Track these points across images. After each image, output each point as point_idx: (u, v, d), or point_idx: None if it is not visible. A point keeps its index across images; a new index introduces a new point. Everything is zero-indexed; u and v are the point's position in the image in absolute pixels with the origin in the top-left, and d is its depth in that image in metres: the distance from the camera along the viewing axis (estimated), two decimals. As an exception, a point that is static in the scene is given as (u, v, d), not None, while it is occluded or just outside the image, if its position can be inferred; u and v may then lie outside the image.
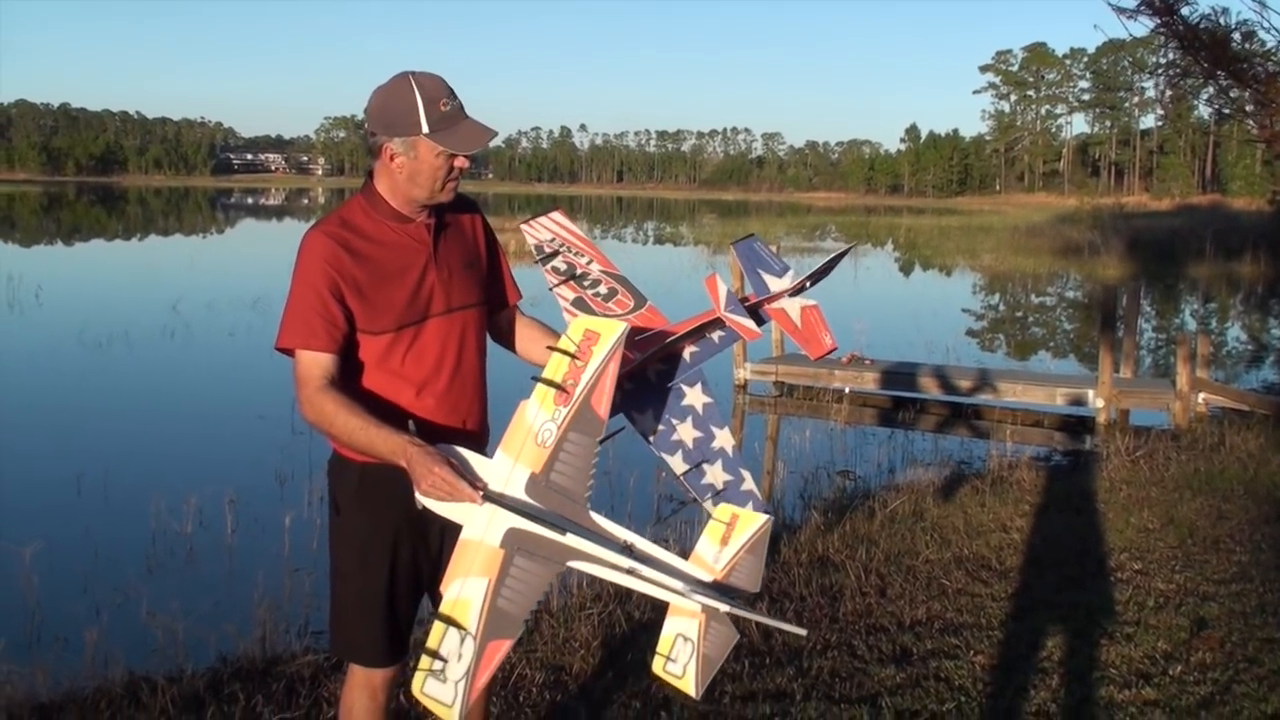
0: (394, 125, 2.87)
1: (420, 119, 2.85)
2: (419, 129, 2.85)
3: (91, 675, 4.92)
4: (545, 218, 3.19)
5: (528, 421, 2.71)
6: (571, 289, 3.09)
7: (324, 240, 2.90)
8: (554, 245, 3.13)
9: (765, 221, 66.18)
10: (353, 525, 3.06)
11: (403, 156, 2.90)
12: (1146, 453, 9.51)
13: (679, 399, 3.03)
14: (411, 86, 2.86)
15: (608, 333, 2.70)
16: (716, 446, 3.01)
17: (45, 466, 9.87)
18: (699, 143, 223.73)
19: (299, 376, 2.89)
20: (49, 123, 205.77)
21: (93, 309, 20.01)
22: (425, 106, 2.84)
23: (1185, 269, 36.07)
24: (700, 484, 2.98)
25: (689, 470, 2.98)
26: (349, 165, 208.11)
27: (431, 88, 2.86)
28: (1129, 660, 4.92)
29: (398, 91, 2.87)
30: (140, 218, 67.65)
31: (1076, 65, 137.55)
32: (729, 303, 2.99)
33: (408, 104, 2.85)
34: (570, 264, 3.12)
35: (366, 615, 3.04)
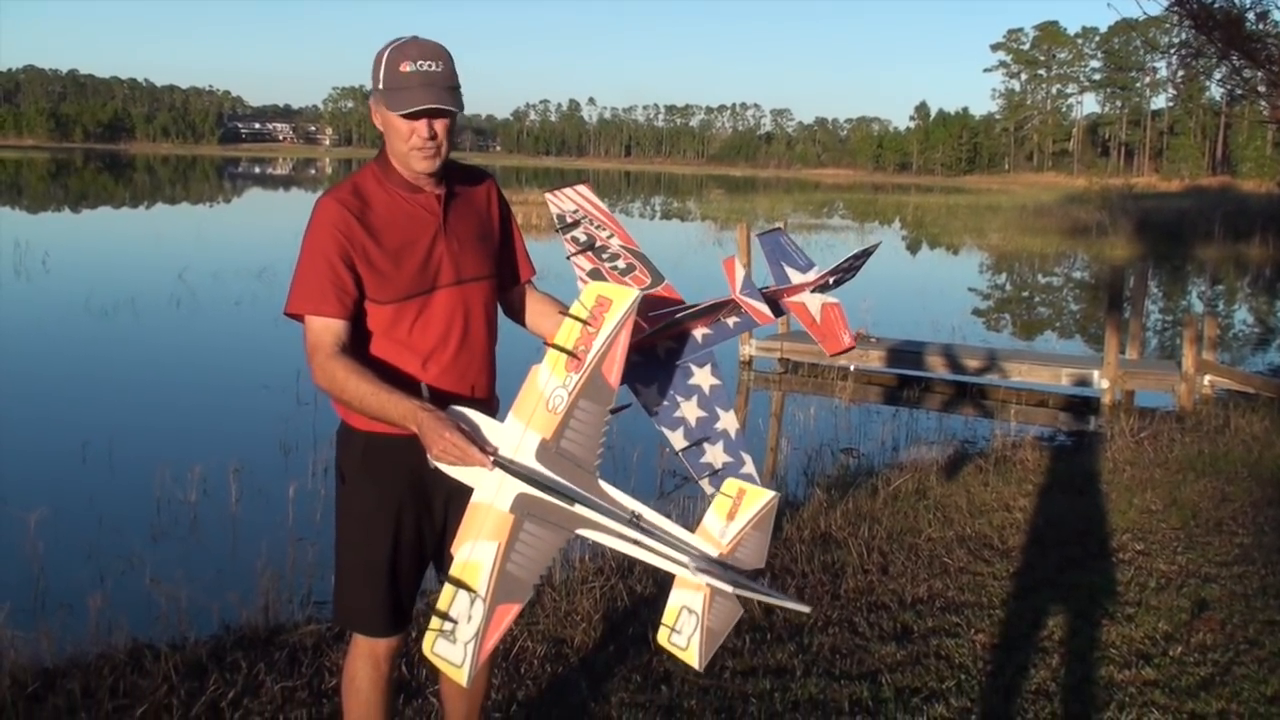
0: (371, 81, 2.90)
1: (381, 75, 2.86)
2: (379, 84, 2.87)
3: (95, 641, 4.94)
4: (571, 189, 3.18)
5: (539, 387, 2.71)
6: (589, 259, 3.08)
7: (336, 207, 2.89)
8: (576, 216, 3.12)
9: (773, 198, 66.04)
10: (357, 494, 3.06)
11: (377, 115, 2.93)
12: (1151, 434, 9.50)
13: (686, 377, 3.01)
14: (388, 47, 2.87)
15: (620, 299, 2.70)
16: (719, 427, 3.00)
17: (51, 434, 9.89)
18: (707, 118, 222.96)
19: (310, 342, 2.87)
20: (57, 89, 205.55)
21: (99, 276, 20.02)
22: (387, 64, 2.84)
23: (1193, 251, 35.96)
24: (699, 462, 2.98)
25: (688, 447, 2.99)
26: (356, 135, 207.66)
27: (407, 48, 2.84)
28: (1129, 640, 4.92)
29: (380, 51, 2.88)
30: (147, 186, 67.60)
31: (1088, 44, 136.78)
32: (745, 285, 2.99)
33: (378, 61, 2.87)
34: (590, 235, 3.11)
35: (369, 585, 3.05)
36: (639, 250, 3.14)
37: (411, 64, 2.82)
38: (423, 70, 2.82)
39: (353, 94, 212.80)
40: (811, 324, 3.12)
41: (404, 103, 2.82)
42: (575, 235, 3.09)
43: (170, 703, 4.06)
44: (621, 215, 47.82)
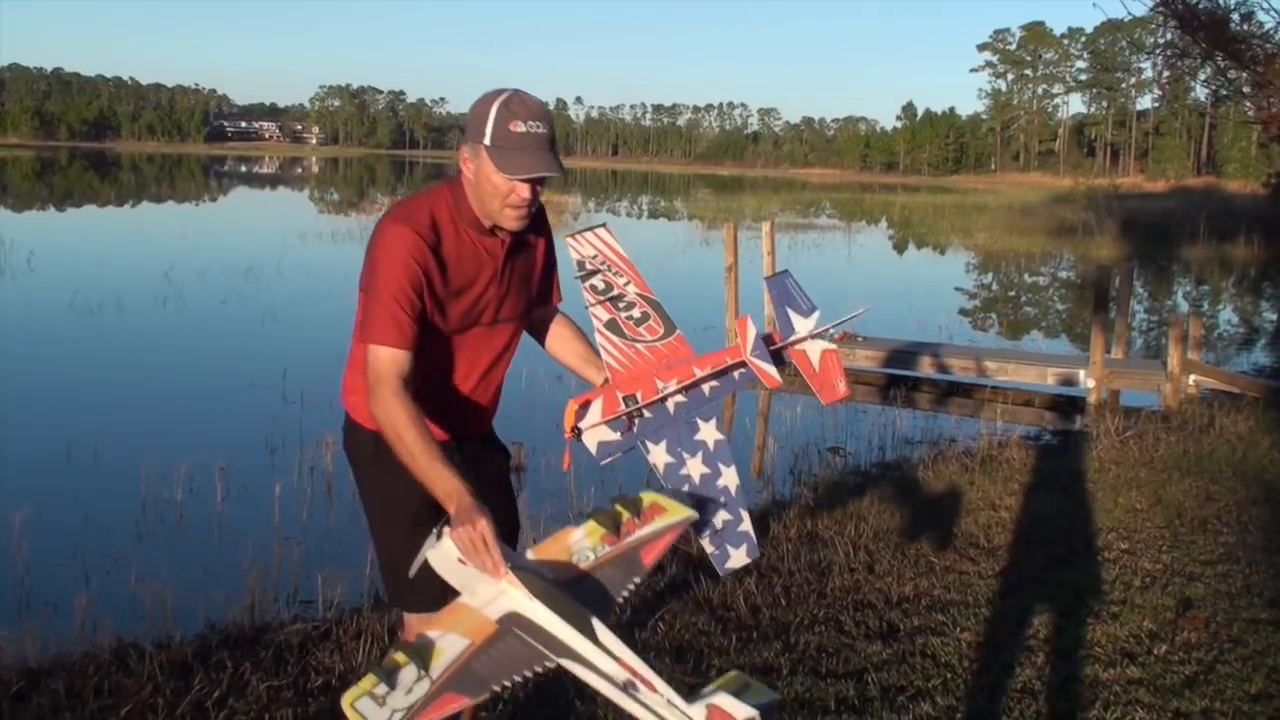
0: (470, 130, 2.87)
1: (487, 130, 2.82)
2: (482, 139, 2.83)
3: (80, 641, 4.93)
4: (591, 233, 3.17)
5: (568, 543, 2.70)
6: (607, 309, 3.09)
7: (415, 239, 2.85)
8: (596, 263, 3.12)
9: (760, 197, 66.10)
10: (377, 481, 3.07)
11: (470, 163, 2.89)
12: (1136, 433, 9.53)
13: (692, 433, 3.02)
14: (496, 99, 2.84)
15: (675, 513, 2.76)
16: (721, 484, 3.00)
17: (36, 433, 9.85)
18: (695, 117, 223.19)
19: (377, 371, 2.83)
20: (42, 87, 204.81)
21: (85, 275, 19.95)
22: (496, 120, 2.81)
23: (1179, 251, 36.07)
24: (700, 520, 2.97)
25: None
26: (343, 134, 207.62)
27: (515, 107, 2.82)
28: (1114, 639, 4.94)
29: (485, 101, 2.85)
30: (133, 184, 67.35)
31: (1074, 45, 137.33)
32: (755, 347, 2.99)
33: (484, 114, 2.83)
34: (609, 283, 3.12)
35: (403, 566, 3.01)
36: (654, 299, 3.15)
37: (522, 124, 2.81)
38: (534, 133, 2.82)
39: (339, 93, 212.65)
40: (811, 373, 3.11)
41: (518, 167, 2.81)
42: (594, 284, 3.09)
43: (155, 702, 4.05)
44: (608, 214, 47.93)
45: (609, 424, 2.96)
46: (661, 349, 3.09)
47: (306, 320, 16.28)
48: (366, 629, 4.83)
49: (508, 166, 2.81)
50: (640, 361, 3.06)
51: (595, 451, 2.97)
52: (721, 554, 3.00)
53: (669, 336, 3.11)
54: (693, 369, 3.03)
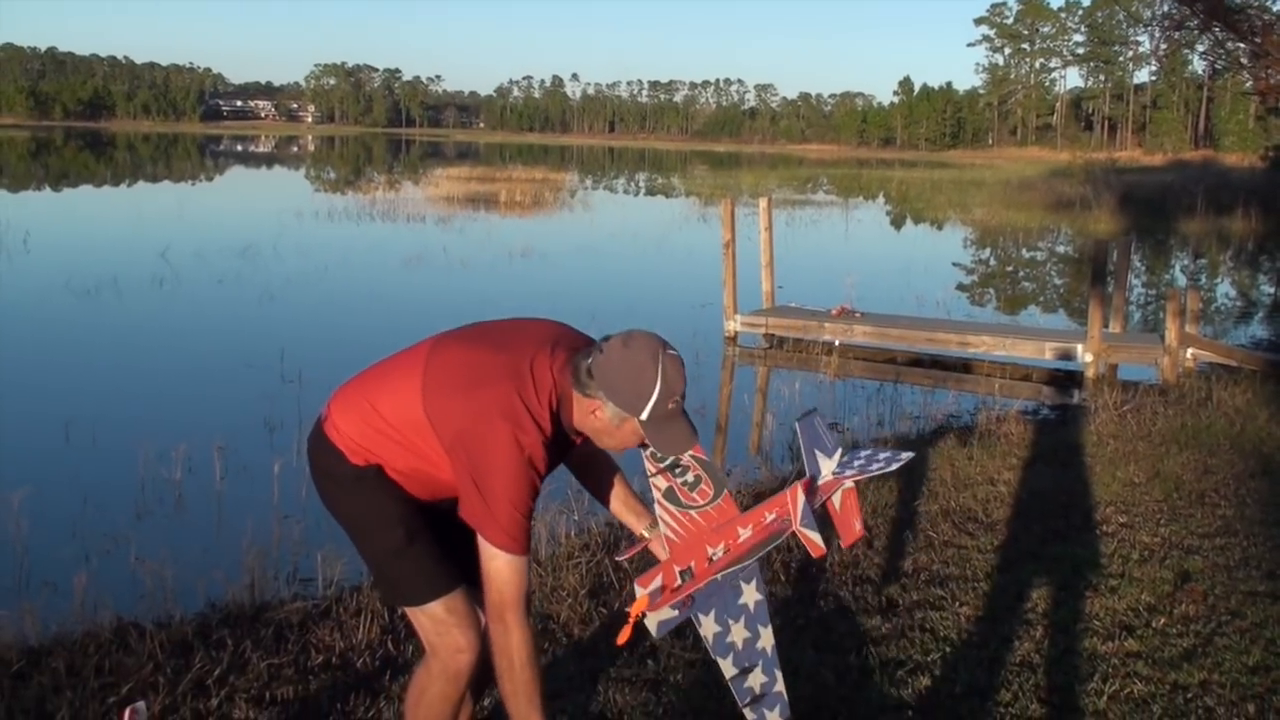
0: (617, 394, 2.78)
1: (646, 408, 2.78)
2: (638, 414, 2.79)
3: (80, 620, 4.94)
4: None
5: None
6: (665, 479, 3.12)
7: (535, 446, 2.78)
8: None
9: (757, 173, 65.96)
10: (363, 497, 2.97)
11: (607, 419, 2.83)
12: (1134, 407, 9.54)
13: (736, 597, 3.03)
14: (657, 376, 2.75)
15: None
16: (759, 647, 3.02)
17: (34, 414, 9.84)
18: (691, 94, 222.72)
19: (505, 581, 2.78)
20: (36, 66, 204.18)
21: (81, 256, 19.93)
22: (656, 401, 2.77)
23: (1176, 224, 36.04)
24: (743, 688, 2.98)
25: (736, 675, 2.98)
26: (339, 113, 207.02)
27: (673, 382, 2.77)
28: (1113, 612, 4.95)
29: (642, 370, 2.76)
30: (129, 164, 67.15)
31: (1071, 18, 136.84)
32: (804, 517, 2.98)
33: (644, 391, 2.77)
34: None
35: (408, 552, 2.96)
36: (705, 459, 3.17)
37: (674, 400, 2.81)
38: (679, 404, 2.84)
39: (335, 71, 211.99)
40: (834, 513, 3.17)
41: (671, 446, 2.87)
42: (653, 451, 3.03)
43: (156, 680, 4.05)
44: (607, 193, 47.86)
45: (670, 605, 2.99)
46: (712, 512, 3.14)
47: (304, 300, 16.24)
48: (366, 606, 4.84)
49: (662, 444, 2.85)
50: (692, 528, 3.11)
51: (655, 631, 2.99)
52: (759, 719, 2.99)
53: (718, 498, 3.15)
54: (737, 530, 3.06)
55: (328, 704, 3.97)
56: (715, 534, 3.08)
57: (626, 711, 3.96)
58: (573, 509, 6.58)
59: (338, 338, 13.04)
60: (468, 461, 2.76)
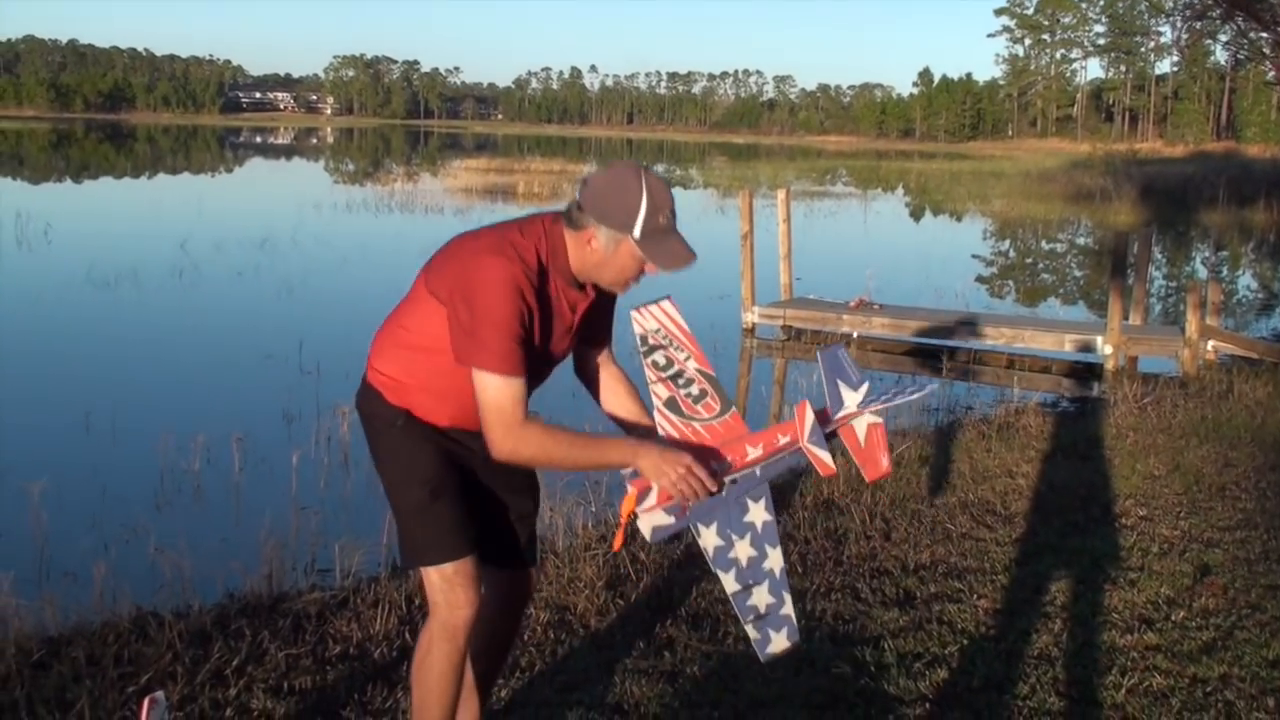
0: (607, 215, 2.84)
1: (637, 224, 2.83)
2: (630, 231, 2.84)
3: (99, 610, 4.95)
4: (655, 306, 3.13)
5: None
6: (667, 387, 3.06)
7: (518, 273, 2.84)
8: (659, 338, 3.09)
9: (776, 165, 65.85)
10: (395, 437, 3.05)
11: (602, 247, 2.88)
12: (1154, 400, 9.49)
13: (742, 513, 3.00)
14: (641, 188, 2.83)
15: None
16: (767, 567, 2.99)
17: (54, 404, 9.90)
18: (710, 85, 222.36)
19: (499, 405, 2.83)
20: (57, 59, 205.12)
21: (101, 247, 20.00)
22: (646, 214, 2.82)
23: (1198, 216, 35.84)
24: (746, 605, 2.97)
25: (739, 590, 2.97)
26: (358, 104, 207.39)
27: (659, 195, 2.84)
28: (1132, 606, 4.93)
29: (626, 187, 2.84)
30: (148, 156, 67.41)
31: (1092, 9, 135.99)
32: (812, 434, 2.99)
33: (631, 204, 2.83)
34: (670, 359, 3.09)
35: (428, 511, 3.02)
36: (712, 374, 3.12)
37: (665, 215, 2.84)
38: (671, 219, 2.88)
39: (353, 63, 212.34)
40: (856, 448, 3.11)
41: (670, 260, 2.88)
42: (656, 359, 3.06)
43: (175, 670, 4.07)
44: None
45: (665, 509, 2.96)
46: (717, 427, 3.07)
47: (322, 291, 16.29)
48: (384, 597, 4.85)
49: (661, 259, 2.86)
50: (695, 440, 3.04)
51: (649, 535, 2.97)
52: (764, 639, 2.98)
53: (725, 414, 3.09)
54: (745, 448, 3.02)
55: (345, 694, 3.98)
56: (720, 449, 3.03)
57: (643, 703, 3.96)
58: (590, 500, 6.58)
59: (356, 329, 12.98)
60: (461, 300, 2.85)
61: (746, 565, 2.97)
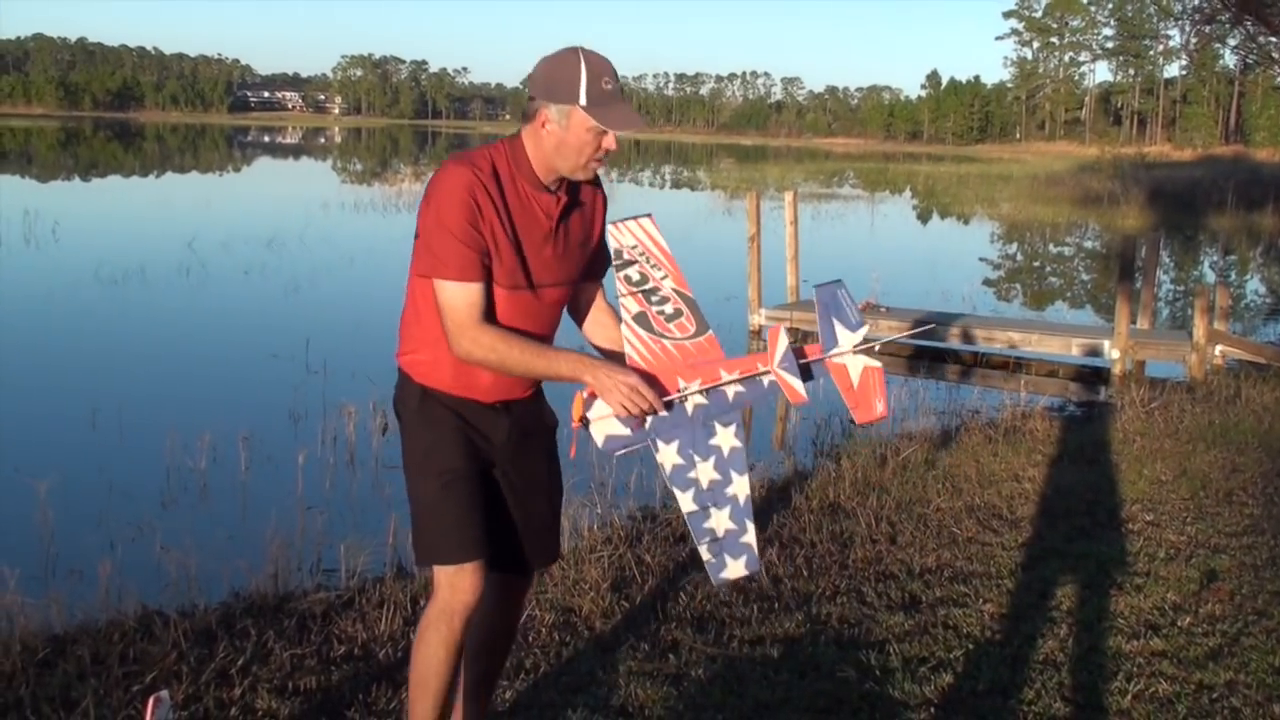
0: (554, 92, 2.92)
1: (580, 91, 2.89)
2: (577, 99, 2.89)
3: (105, 608, 4.95)
4: (634, 222, 3.07)
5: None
6: (638, 301, 3.02)
7: (469, 175, 2.91)
8: (634, 253, 3.05)
9: (783, 166, 65.82)
10: (419, 429, 3.08)
11: (555, 124, 2.93)
12: (1161, 404, 9.47)
13: (708, 436, 2.95)
14: (579, 60, 2.91)
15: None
16: (730, 492, 2.93)
17: (61, 402, 9.91)
18: (718, 86, 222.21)
19: (452, 307, 2.91)
20: (66, 57, 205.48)
21: (109, 245, 20.03)
22: (588, 80, 2.89)
23: (1206, 220, 35.78)
24: (701, 527, 2.92)
25: (695, 511, 2.93)
26: (366, 104, 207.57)
27: (597, 65, 2.91)
28: (1138, 611, 4.92)
29: (565, 62, 2.92)
30: (157, 154, 67.51)
31: (1101, 12, 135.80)
32: (784, 359, 2.95)
33: (572, 75, 2.90)
34: (645, 275, 3.04)
35: (440, 510, 3.03)
36: (690, 296, 3.07)
37: (610, 81, 2.91)
38: (616, 88, 2.93)
39: (362, 63, 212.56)
40: (848, 388, 3.01)
41: (619, 121, 2.91)
42: (629, 274, 3.02)
43: (180, 669, 4.07)
44: (632, 185, 47.84)
45: (620, 419, 2.92)
46: (689, 347, 3.02)
47: (329, 291, 16.28)
48: (389, 598, 4.85)
49: (610, 121, 2.90)
50: (665, 358, 3.00)
51: (601, 444, 2.93)
52: (719, 563, 2.94)
53: (699, 336, 3.03)
54: (719, 371, 2.98)
55: (350, 695, 3.98)
56: (691, 369, 2.98)
57: (647, 706, 3.95)
58: (595, 502, 6.58)
59: (363, 329, 13.07)
60: (420, 218, 2.95)
61: (707, 487, 2.93)
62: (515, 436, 3.14)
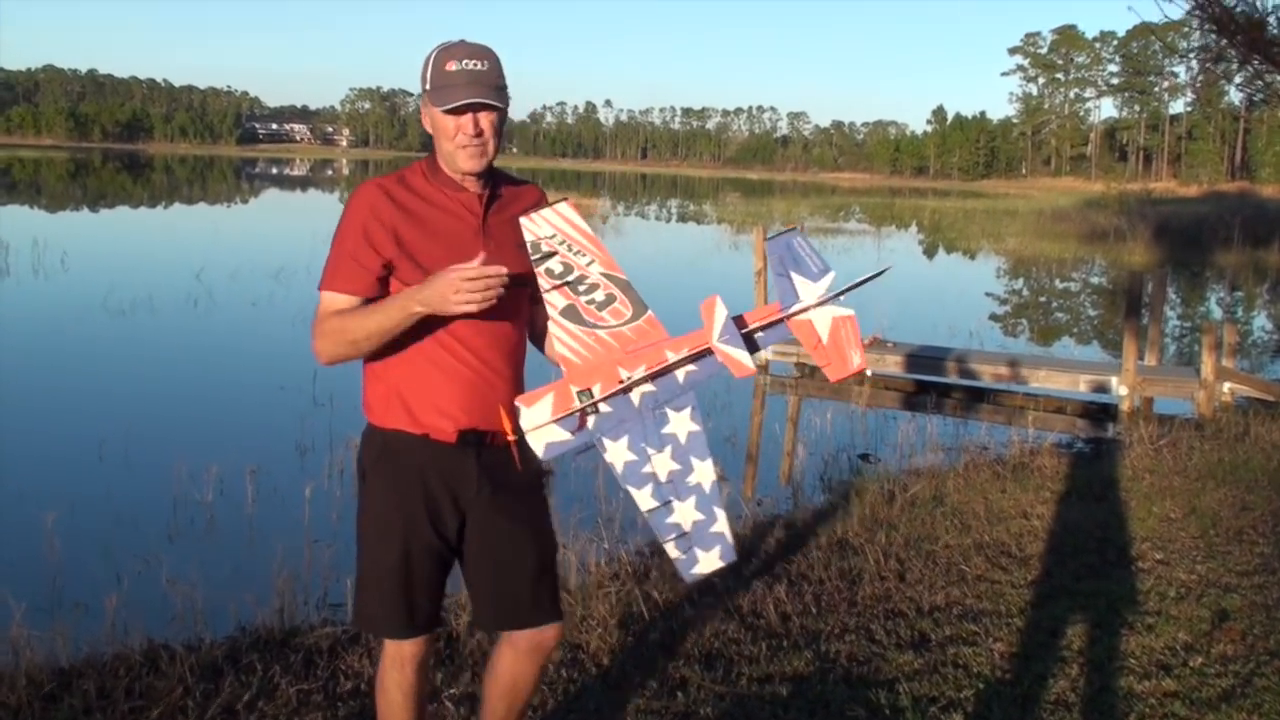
0: (421, 85, 2.96)
1: (428, 76, 2.92)
2: (425, 86, 2.93)
3: (111, 642, 4.94)
4: (550, 209, 2.84)
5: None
6: (564, 295, 2.78)
7: (370, 188, 2.97)
8: (554, 243, 2.81)
9: (789, 201, 65.98)
10: (373, 493, 3.05)
11: (426, 118, 2.98)
12: (1170, 441, 9.44)
13: (660, 425, 2.69)
14: (436, 48, 2.92)
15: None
16: (692, 481, 2.67)
17: (68, 433, 9.91)
18: (724, 121, 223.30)
19: (318, 314, 2.95)
20: (76, 89, 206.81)
21: (117, 276, 20.07)
22: (434, 67, 2.90)
23: (1212, 256, 35.79)
24: (665, 523, 2.67)
25: (656, 508, 2.68)
26: (374, 137, 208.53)
27: (451, 49, 2.89)
28: (1149, 651, 4.88)
29: (429, 53, 2.93)
30: (165, 185, 67.83)
31: (1106, 49, 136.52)
32: (724, 331, 2.70)
33: (424, 66, 2.93)
34: (568, 265, 2.80)
35: (382, 584, 3.03)
36: (623, 278, 2.81)
37: (457, 63, 2.87)
38: (468, 68, 2.87)
39: (370, 95, 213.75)
40: (817, 345, 2.75)
41: (449, 99, 2.86)
42: (550, 267, 2.78)
43: (186, 704, 4.05)
44: (638, 219, 47.95)
45: (559, 423, 2.68)
46: (628, 334, 2.76)
47: (336, 322, 16.24)
48: (396, 633, 4.82)
49: (442, 100, 2.87)
50: (601, 350, 2.75)
51: (542, 453, 2.70)
52: (689, 559, 2.67)
53: (638, 319, 2.78)
54: (664, 352, 2.71)
55: (356, 731, 3.96)
56: (633, 356, 2.73)
57: (656, 744, 3.92)
58: (602, 537, 6.56)
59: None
60: None
61: (666, 480, 2.69)
62: (487, 489, 3.02)
